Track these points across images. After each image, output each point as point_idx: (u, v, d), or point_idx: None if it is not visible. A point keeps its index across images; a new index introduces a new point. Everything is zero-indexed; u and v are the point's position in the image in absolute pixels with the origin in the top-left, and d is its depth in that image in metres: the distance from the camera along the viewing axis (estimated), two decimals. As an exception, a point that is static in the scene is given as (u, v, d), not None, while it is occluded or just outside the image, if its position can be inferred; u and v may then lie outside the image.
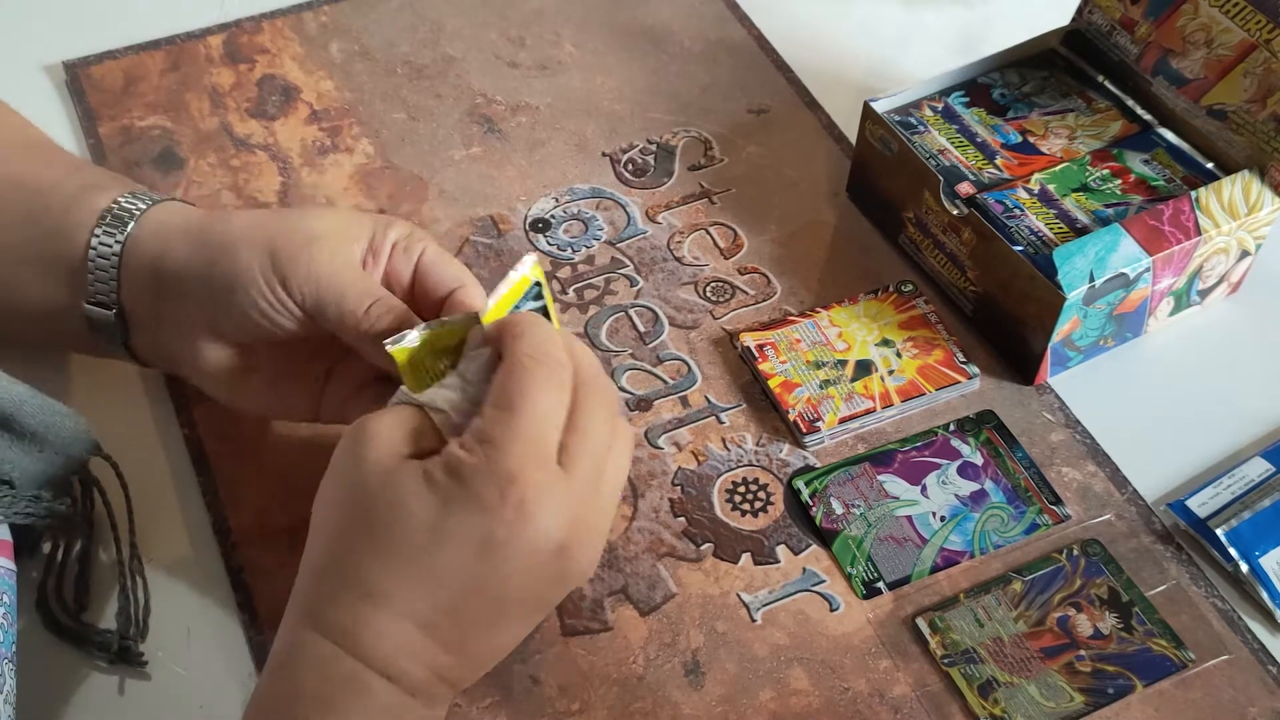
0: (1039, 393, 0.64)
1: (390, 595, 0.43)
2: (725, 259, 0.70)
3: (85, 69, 0.78)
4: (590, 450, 0.45)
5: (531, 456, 0.43)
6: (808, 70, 0.80)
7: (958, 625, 0.55)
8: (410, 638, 0.43)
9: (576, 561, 0.45)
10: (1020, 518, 0.59)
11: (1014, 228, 0.63)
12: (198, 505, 0.59)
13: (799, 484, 0.60)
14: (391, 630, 0.43)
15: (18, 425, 0.51)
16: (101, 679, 0.54)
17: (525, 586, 0.44)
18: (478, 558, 0.43)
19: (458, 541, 0.43)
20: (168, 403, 0.63)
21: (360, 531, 0.44)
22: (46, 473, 0.53)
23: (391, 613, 0.43)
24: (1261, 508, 0.58)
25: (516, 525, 0.43)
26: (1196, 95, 0.66)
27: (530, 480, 0.43)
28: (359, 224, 0.53)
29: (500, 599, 0.44)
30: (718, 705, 0.53)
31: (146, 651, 0.54)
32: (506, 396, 0.44)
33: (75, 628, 0.54)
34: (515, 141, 0.76)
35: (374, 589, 0.43)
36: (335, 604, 0.44)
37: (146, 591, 0.55)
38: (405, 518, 0.43)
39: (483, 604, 0.44)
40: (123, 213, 0.54)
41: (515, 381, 0.44)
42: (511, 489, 0.42)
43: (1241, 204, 0.63)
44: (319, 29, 0.81)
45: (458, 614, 0.44)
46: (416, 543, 0.43)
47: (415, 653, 0.44)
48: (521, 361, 0.45)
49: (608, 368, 0.65)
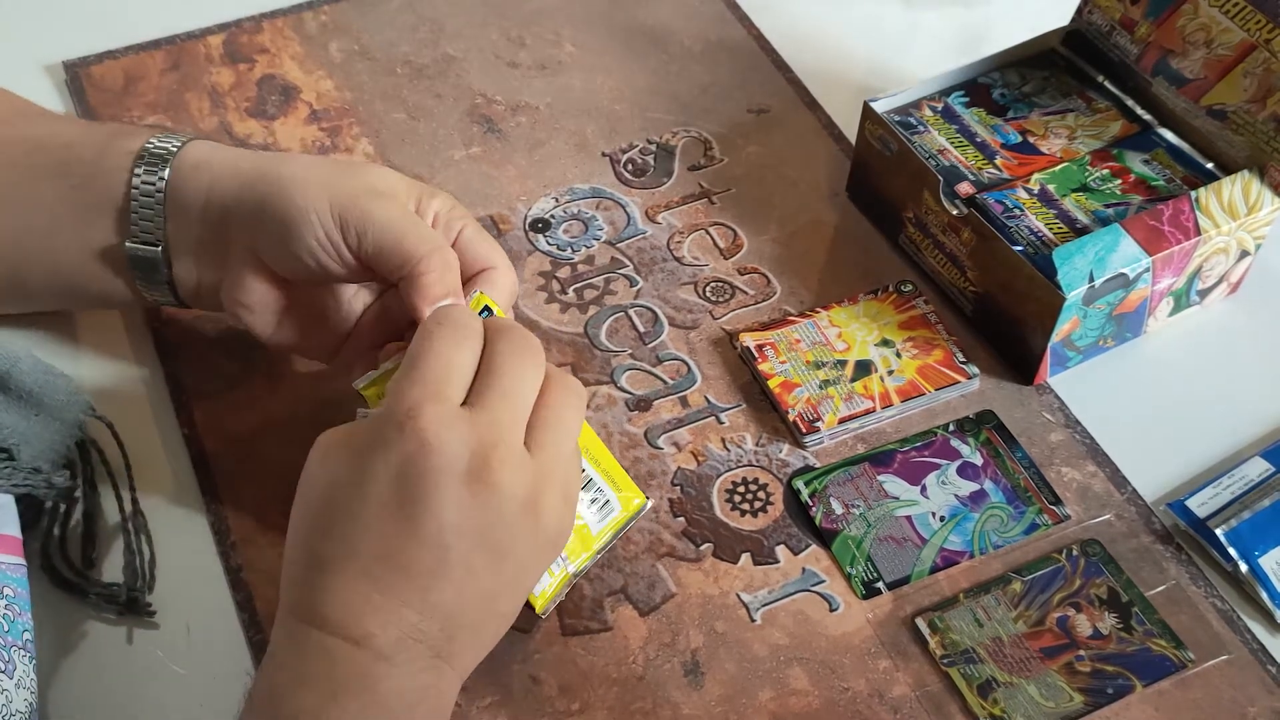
0: (1039, 393, 0.64)
1: (335, 558, 0.45)
2: (725, 259, 0.70)
3: (85, 69, 0.78)
4: (502, 390, 0.47)
5: (430, 396, 0.45)
6: (808, 70, 0.80)
7: (957, 625, 0.55)
8: (367, 597, 0.44)
9: (502, 493, 0.45)
10: (1020, 518, 0.59)
11: (1014, 228, 0.63)
12: (198, 505, 0.59)
13: (799, 484, 0.60)
14: (346, 594, 0.44)
15: (14, 384, 0.52)
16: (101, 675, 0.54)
17: (454, 523, 0.45)
18: (396, 498, 0.44)
19: (374, 483, 0.44)
20: (168, 403, 0.63)
21: (305, 512, 0.46)
22: (44, 437, 0.54)
23: (341, 575, 0.44)
24: (1261, 508, 0.58)
25: (420, 454, 0.44)
26: (1196, 95, 0.66)
27: (426, 413, 0.44)
28: (409, 186, 0.56)
29: (435, 540, 0.44)
30: (717, 705, 0.53)
31: (154, 603, 0.55)
32: (410, 354, 0.47)
33: (82, 582, 0.55)
34: (515, 141, 0.76)
35: (321, 556, 0.45)
36: (297, 583, 0.45)
37: (151, 544, 0.57)
38: (332, 481, 0.45)
39: (421, 548, 0.44)
40: (160, 150, 0.56)
41: (418, 340, 0.47)
42: (409, 422, 0.44)
43: (1241, 204, 0.63)
44: (319, 29, 0.81)
45: (401, 562, 0.44)
46: (343, 498, 0.45)
47: (377, 612, 0.44)
48: (426, 325, 0.48)
49: (607, 368, 0.65)
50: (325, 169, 0.55)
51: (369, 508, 0.44)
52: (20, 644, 0.50)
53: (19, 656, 0.49)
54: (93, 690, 0.53)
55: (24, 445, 0.52)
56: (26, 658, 0.50)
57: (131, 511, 0.57)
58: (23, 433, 0.52)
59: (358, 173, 0.55)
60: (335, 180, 0.53)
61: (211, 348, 0.64)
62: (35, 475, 0.53)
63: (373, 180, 0.55)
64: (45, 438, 0.54)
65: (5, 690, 0.47)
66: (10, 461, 0.52)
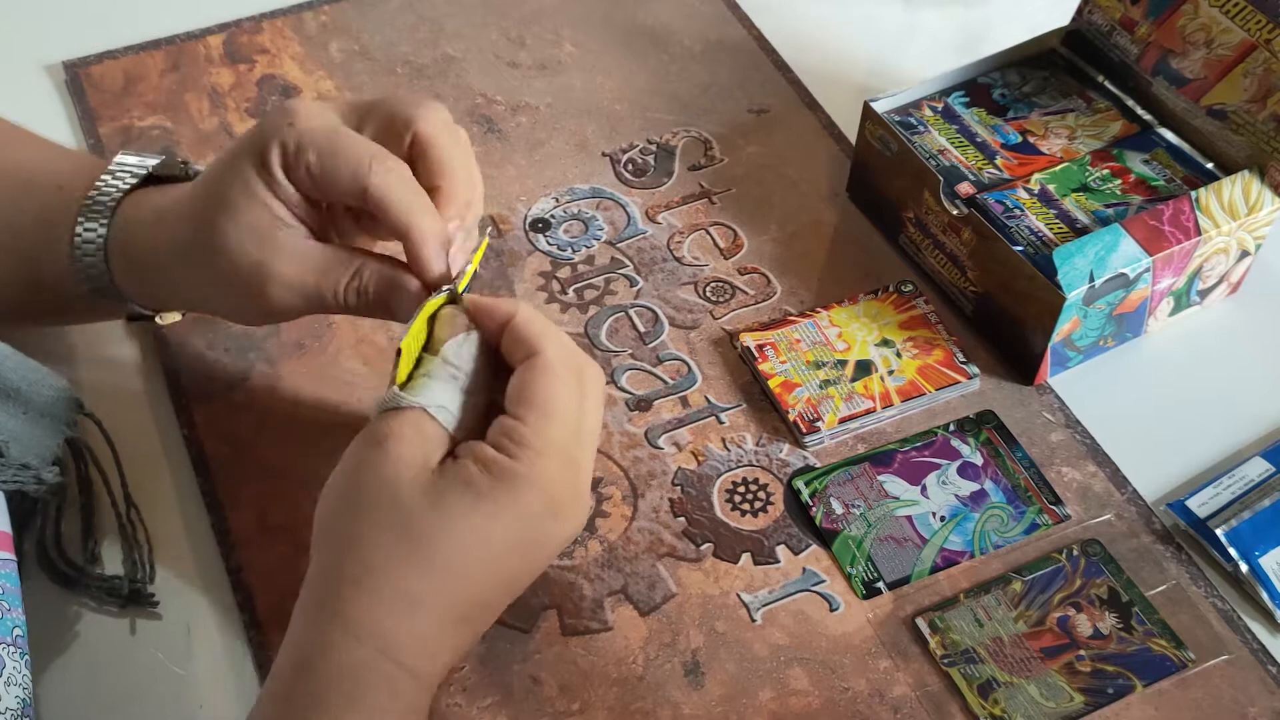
0: (1039, 393, 0.64)
1: (432, 601, 0.45)
2: (725, 259, 0.70)
3: (85, 69, 0.78)
4: (592, 443, 0.49)
5: (566, 463, 0.47)
6: (808, 70, 0.80)
7: (958, 625, 0.55)
8: (440, 636, 0.46)
9: (567, 537, 0.49)
10: (1020, 518, 0.59)
11: (1014, 228, 0.63)
12: (198, 505, 0.59)
13: (799, 484, 0.60)
14: (425, 632, 0.45)
15: (0, 382, 0.51)
16: (100, 675, 0.54)
17: (537, 571, 0.49)
18: (519, 558, 0.47)
19: (503, 547, 0.46)
20: (168, 404, 0.63)
21: (399, 542, 0.45)
22: (33, 434, 0.54)
23: (428, 616, 0.45)
24: (1261, 508, 0.58)
25: (553, 527, 0.47)
26: (1196, 95, 0.66)
27: (564, 486, 0.47)
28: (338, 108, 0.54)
29: (513, 587, 0.48)
30: (718, 705, 0.53)
31: (153, 595, 0.56)
32: (541, 401, 0.47)
33: (82, 577, 0.55)
34: (515, 141, 0.76)
35: (417, 597, 0.45)
36: (376, 612, 0.45)
37: (148, 536, 0.57)
38: (452, 530, 0.45)
39: (504, 595, 0.48)
40: (102, 200, 0.55)
41: (548, 386, 0.47)
42: (553, 495, 0.46)
43: (1241, 204, 0.63)
44: (319, 29, 0.81)
45: (489, 604, 0.47)
46: (463, 552, 0.45)
47: (441, 649, 0.46)
48: (554, 368, 0.47)
49: (608, 368, 0.65)
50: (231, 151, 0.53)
51: (492, 565, 0.46)
52: (9, 640, 0.49)
53: (8, 653, 0.49)
54: (92, 690, 0.53)
55: (12, 442, 0.52)
56: (17, 654, 0.49)
57: (125, 505, 0.57)
58: (11, 429, 0.52)
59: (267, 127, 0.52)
60: (248, 144, 0.51)
61: (211, 348, 0.64)
62: (25, 471, 0.53)
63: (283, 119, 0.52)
64: (34, 435, 0.54)
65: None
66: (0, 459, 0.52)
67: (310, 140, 0.50)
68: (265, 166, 0.50)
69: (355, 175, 0.50)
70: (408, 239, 0.50)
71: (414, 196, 0.51)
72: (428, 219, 0.51)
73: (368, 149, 0.50)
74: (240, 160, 0.51)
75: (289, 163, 0.50)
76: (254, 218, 0.51)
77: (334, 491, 0.47)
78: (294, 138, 0.50)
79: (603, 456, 0.61)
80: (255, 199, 0.51)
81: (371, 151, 0.50)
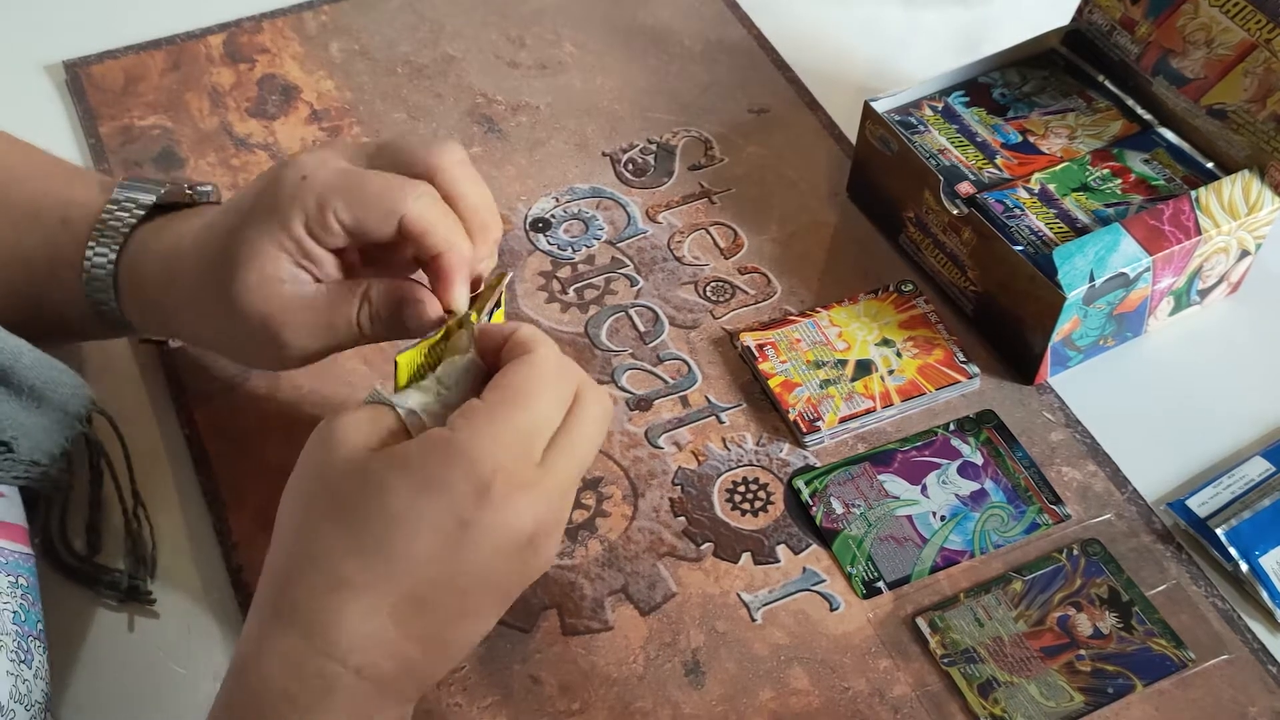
0: (1039, 392, 0.64)
1: (361, 585, 0.43)
2: (725, 259, 0.70)
3: (85, 69, 0.78)
4: (577, 459, 0.46)
5: (518, 453, 0.43)
6: (808, 70, 0.80)
7: (958, 625, 0.55)
8: (381, 629, 0.43)
9: (540, 556, 0.45)
10: (1020, 517, 0.59)
11: (1014, 227, 0.63)
12: (198, 505, 0.59)
13: (799, 484, 0.60)
14: (362, 622, 0.43)
15: (16, 379, 0.51)
16: (102, 674, 0.54)
17: (490, 579, 0.44)
18: (449, 546, 0.43)
19: (431, 527, 0.42)
20: (168, 404, 0.63)
21: (330, 523, 0.43)
22: (46, 429, 0.54)
23: (362, 603, 0.43)
24: (1261, 507, 0.58)
25: (489, 516, 0.43)
26: (1196, 95, 0.66)
27: (512, 475, 0.43)
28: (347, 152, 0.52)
29: (467, 590, 0.44)
30: (718, 705, 0.53)
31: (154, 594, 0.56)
32: (508, 385, 0.44)
33: (85, 569, 0.55)
34: (515, 141, 0.76)
35: (345, 580, 0.43)
36: (305, 597, 0.43)
37: (153, 534, 0.57)
38: (379, 506, 0.43)
39: (451, 594, 0.44)
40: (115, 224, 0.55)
41: (524, 377, 0.45)
42: (492, 478, 0.42)
43: (1241, 204, 0.63)
44: (319, 29, 0.81)
45: (427, 604, 0.43)
46: (390, 530, 0.43)
47: (385, 645, 0.43)
48: (537, 363, 0.45)
49: (608, 368, 0.65)
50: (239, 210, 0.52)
51: (418, 546, 0.42)
52: (36, 634, 0.50)
53: (35, 647, 0.49)
54: (92, 689, 0.53)
55: (23, 438, 0.52)
56: (41, 648, 0.50)
57: (133, 502, 0.57)
58: (22, 424, 0.52)
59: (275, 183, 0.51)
60: (261, 201, 0.51)
61: (212, 347, 0.64)
62: (35, 468, 0.53)
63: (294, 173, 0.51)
64: (47, 430, 0.54)
65: (26, 680, 0.47)
66: (9, 454, 0.52)
67: (331, 189, 0.49)
68: (289, 234, 0.49)
69: (389, 209, 0.49)
70: (442, 260, 0.50)
71: (450, 217, 0.50)
72: (463, 240, 0.50)
73: (394, 180, 0.49)
74: (258, 227, 0.50)
75: (314, 221, 0.49)
76: (269, 285, 0.50)
77: (291, 479, 0.46)
78: (314, 193, 0.49)
79: (603, 456, 0.61)
80: (273, 266, 0.50)
81: (398, 181, 0.49)
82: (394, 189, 0.49)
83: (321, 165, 0.50)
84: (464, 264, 0.50)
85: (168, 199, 0.56)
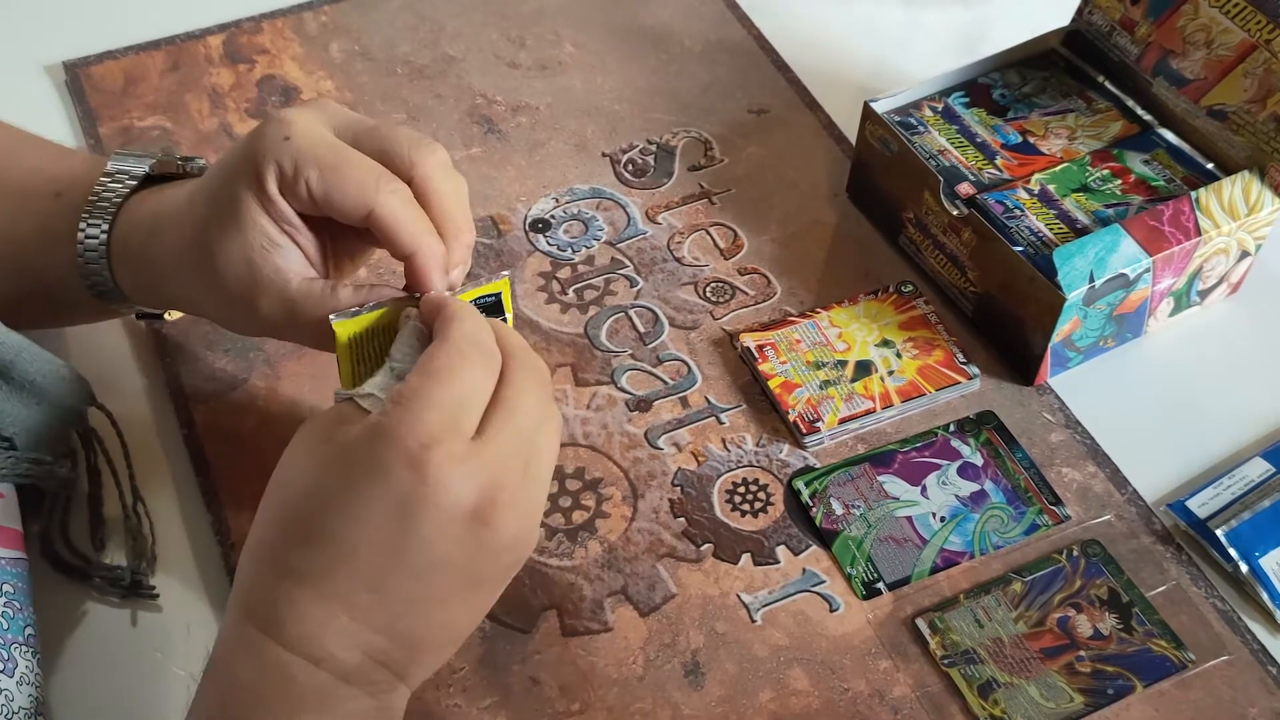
0: (1039, 393, 0.64)
1: (307, 574, 0.43)
2: (725, 259, 0.70)
3: (85, 69, 0.78)
4: (515, 427, 0.45)
5: (446, 429, 0.43)
6: (808, 70, 0.80)
7: (958, 626, 0.55)
8: (334, 618, 0.43)
9: (498, 533, 0.44)
10: (1020, 518, 0.59)
11: (1014, 228, 0.63)
12: (198, 505, 0.59)
13: (799, 484, 0.60)
14: (314, 611, 0.43)
15: (16, 374, 0.52)
16: (100, 675, 0.54)
17: (443, 559, 0.44)
18: (390, 526, 0.43)
19: (369, 509, 0.42)
20: (168, 403, 0.63)
21: (280, 514, 0.44)
22: (46, 424, 0.54)
23: (313, 592, 0.43)
24: (1261, 508, 0.58)
25: (425, 493, 0.42)
26: (1196, 95, 0.66)
27: (439, 452, 0.42)
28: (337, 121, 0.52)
29: (421, 572, 0.43)
30: (718, 706, 0.53)
31: (155, 588, 0.56)
32: (433, 366, 0.44)
33: (85, 566, 0.55)
34: (515, 141, 0.76)
35: (293, 568, 0.43)
36: (260, 589, 0.44)
37: (152, 529, 0.57)
38: (317, 490, 0.43)
39: (404, 579, 0.43)
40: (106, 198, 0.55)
41: (444, 355, 0.45)
42: (422, 454, 0.42)
43: (1241, 204, 0.63)
44: (319, 29, 0.81)
45: (380, 590, 0.43)
46: (330, 518, 0.43)
47: (341, 635, 0.43)
48: (455, 341, 0.45)
49: (608, 368, 0.65)
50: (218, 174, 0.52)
51: (358, 531, 0.43)
52: (21, 640, 0.50)
53: (20, 653, 0.49)
54: (92, 690, 0.53)
55: (24, 434, 0.53)
56: (29, 653, 0.50)
57: (132, 498, 0.57)
58: (23, 421, 0.52)
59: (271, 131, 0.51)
60: (239, 167, 0.50)
61: (211, 348, 0.64)
62: (37, 465, 0.53)
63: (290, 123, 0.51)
64: (47, 426, 0.54)
65: (6, 690, 0.47)
66: (12, 451, 0.52)
67: (310, 157, 0.49)
68: (261, 188, 0.49)
69: (360, 196, 0.49)
70: (414, 260, 0.50)
71: (420, 220, 0.50)
72: (433, 241, 0.50)
73: (372, 169, 0.49)
74: (236, 177, 0.50)
75: (286, 182, 0.49)
76: (246, 237, 0.50)
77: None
78: (292, 155, 0.49)
79: (603, 457, 0.61)
80: (248, 218, 0.50)
81: (377, 173, 0.49)
82: (369, 180, 0.49)
83: (308, 132, 0.50)
84: (438, 265, 0.50)
85: (159, 170, 0.56)
